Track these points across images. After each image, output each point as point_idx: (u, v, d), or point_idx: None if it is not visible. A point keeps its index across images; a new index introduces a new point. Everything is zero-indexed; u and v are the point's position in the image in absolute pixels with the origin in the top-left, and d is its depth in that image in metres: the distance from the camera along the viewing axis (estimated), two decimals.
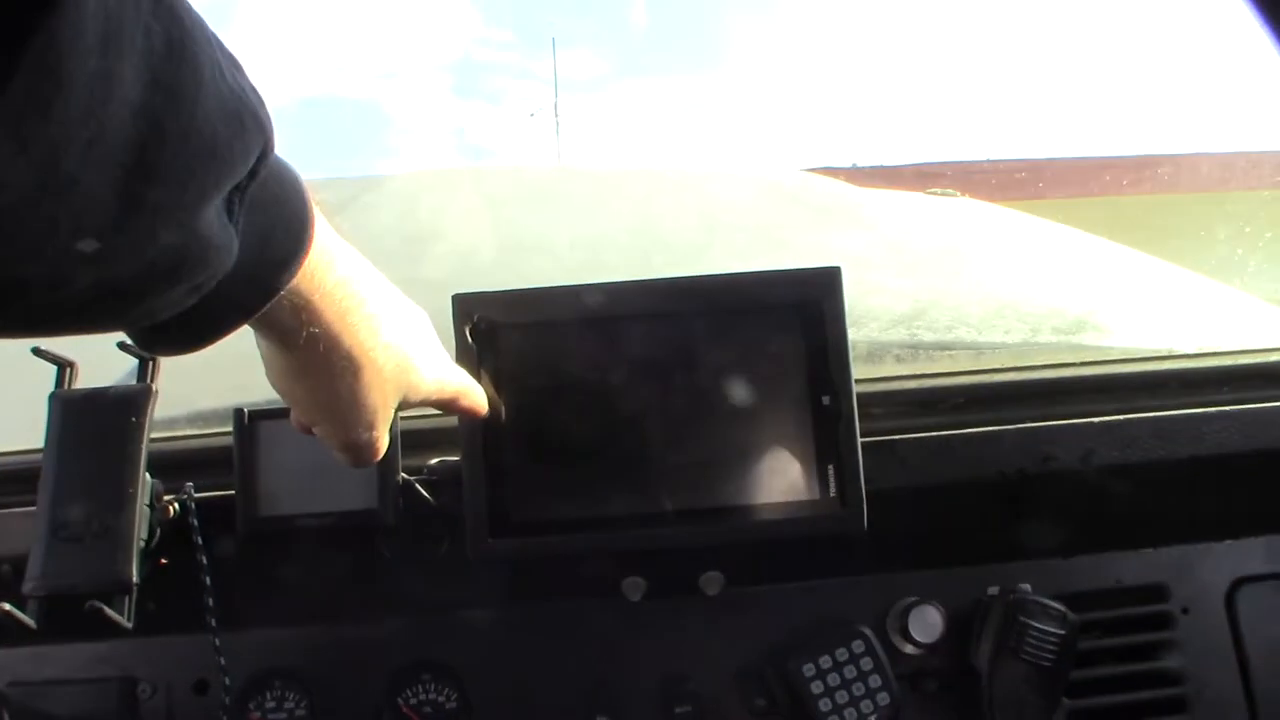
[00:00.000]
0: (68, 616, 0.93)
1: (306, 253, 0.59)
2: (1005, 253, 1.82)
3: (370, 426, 0.74)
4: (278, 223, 0.57)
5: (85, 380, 1.01)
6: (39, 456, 0.98)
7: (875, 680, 1.05)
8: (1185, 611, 1.16)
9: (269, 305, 0.58)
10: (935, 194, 2.30)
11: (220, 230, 0.50)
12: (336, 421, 0.73)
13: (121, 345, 1.01)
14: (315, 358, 0.67)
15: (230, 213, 0.50)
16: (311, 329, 0.64)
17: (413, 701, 1.07)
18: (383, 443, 0.77)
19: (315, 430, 0.76)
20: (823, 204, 1.94)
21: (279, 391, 0.73)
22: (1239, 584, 1.18)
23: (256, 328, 0.64)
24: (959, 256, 1.73)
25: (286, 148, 0.56)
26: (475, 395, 0.89)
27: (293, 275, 0.58)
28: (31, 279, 0.44)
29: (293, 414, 0.77)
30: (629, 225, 1.68)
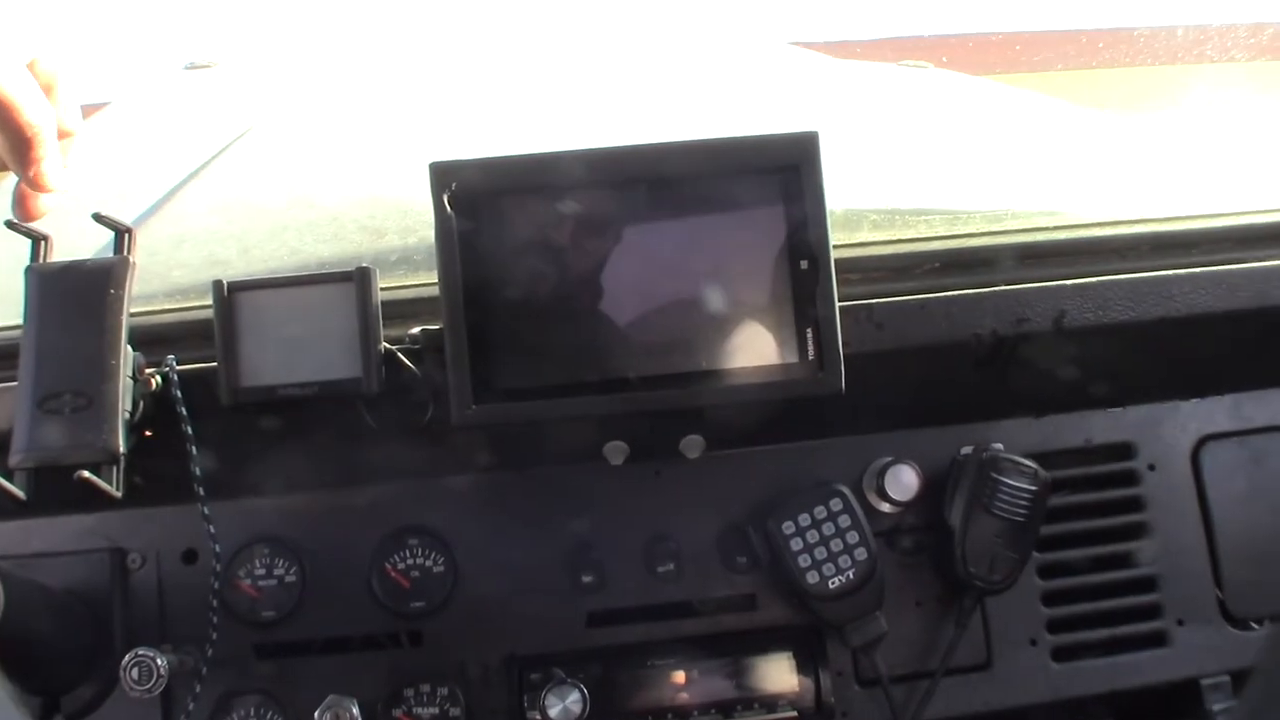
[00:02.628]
0: (55, 488, 0.94)
1: None
2: (979, 121, 1.81)
3: None
4: None
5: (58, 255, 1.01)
6: (16, 333, 0.98)
7: (853, 537, 1.08)
8: (1152, 468, 1.20)
9: None
10: (908, 65, 2.28)
11: None
12: None
13: (96, 216, 1.01)
14: None
15: None
16: None
17: (400, 566, 1.10)
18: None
19: None
20: (801, 74, 1.92)
21: None
22: (1204, 441, 1.21)
23: None
24: (933, 125, 1.72)
25: None
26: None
27: None
28: None
29: None
30: (605, 92, 1.66)
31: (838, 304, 0.99)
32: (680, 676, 1.09)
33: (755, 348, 1.00)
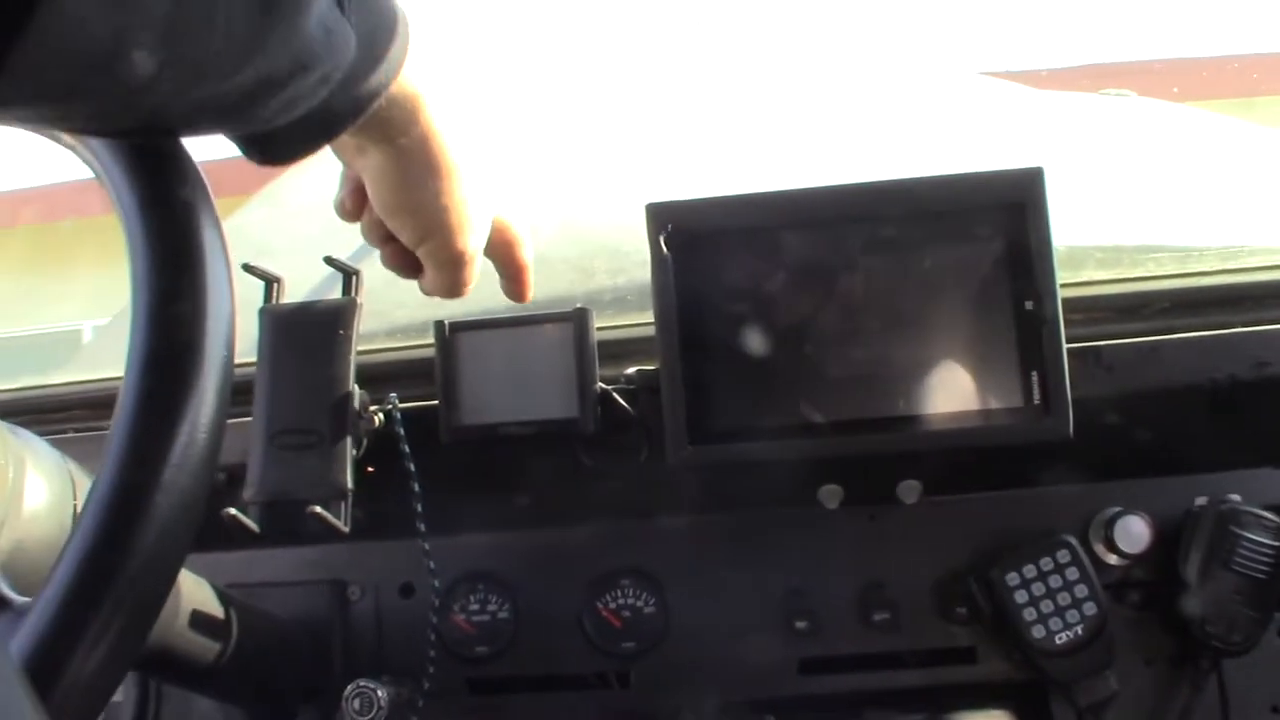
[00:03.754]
0: (285, 522, 0.97)
1: (407, 48, 0.62)
2: (1195, 152, 1.73)
3: (475, 233, 0.76)
4: (379, 18, 0.60)
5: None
6: (249, 369, 1.02)
7: (1081, 590, 1.03)
8: None
9: (381, 99, 0.62)
10: (1110, 94, 2.20)
11: (337, 21, 0.54)
12: (446, 230, 0.74)
13: (328, 260, 1.04)
14: (425, 158, 0.70)
15: (341, 6, 0.54)
16: (421, 124, 0.68)
17: (612, 605, 1.10)
18: (479, 259, 0.79)
19: (421, 250, 0.76)
20: (1001, 106, 1.87)
21: (388, 210, 0.74)
22: None
23: (366, 137, 0.68)
24: (1148, 156, 1.65)
25: None
26: (526, 247, 0.85)
27: (399, 68, 0.62)
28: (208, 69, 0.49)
29: (402, 235, 0.76)
30: (805, 128, 1.65)
31: (1065, 346, 0.96)
32: None
33: (977, 391, 0.97)
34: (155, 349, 0.57)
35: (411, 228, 0.74)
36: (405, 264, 0.79)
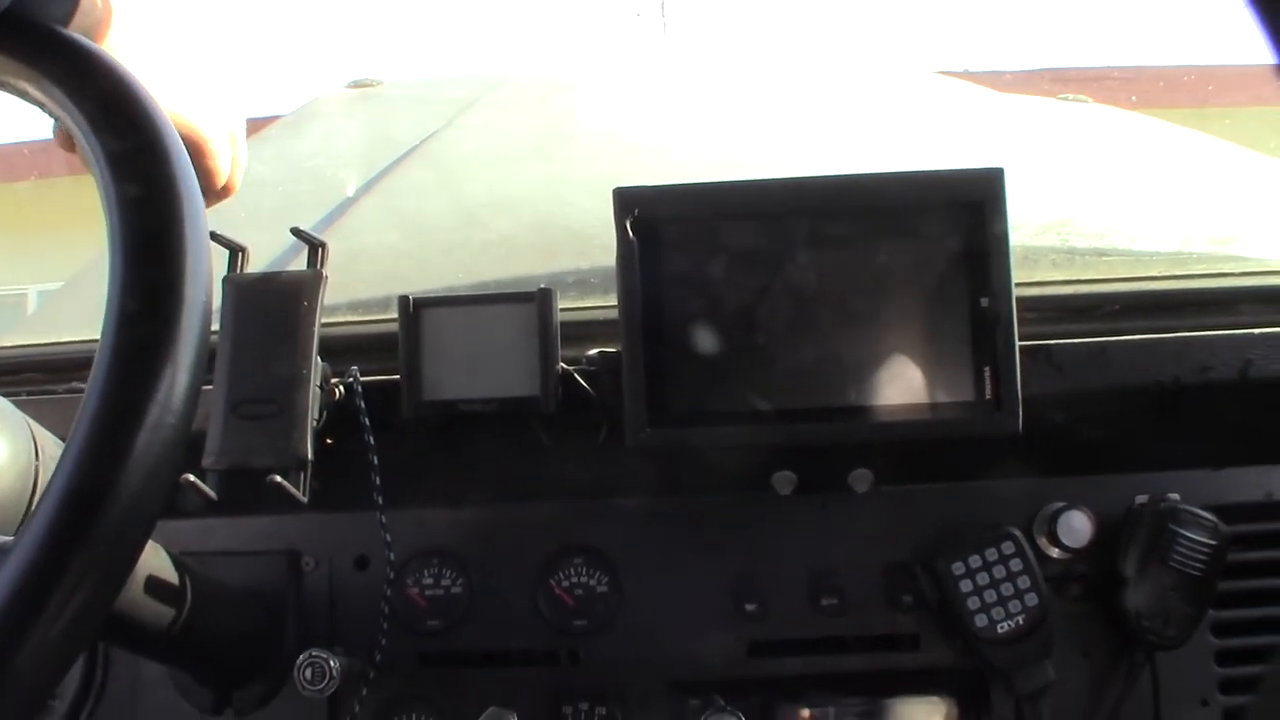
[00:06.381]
0: (243, 490, 0.97)
1: None
2: (1149, 159, 1.77)
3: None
4: None
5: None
6: (212, 340, 1.01)
7: (1024, 582, 1.05)
8: None
9: None
10: (1067, 99, 2.24)
11: None
12: None
13: (295, 231, 1.05)
14: None
15: None
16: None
17: (565, 584, 1.11)
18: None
19: None
20: (960, 106, 1.90)
21: None
22: None
23: None
24: (1102, 162, 1.69)
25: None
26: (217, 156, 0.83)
27: None
28: None
29: None
30: (767, 123, 1.67)
31: (1018, 344, 0.98)
32: (842, 713, 1.08)
33: (931, 384, 0.99)
34: (134, 307, 0.57)
35: None
36: None
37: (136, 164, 0.61)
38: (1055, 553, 1.10)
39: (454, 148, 1.73)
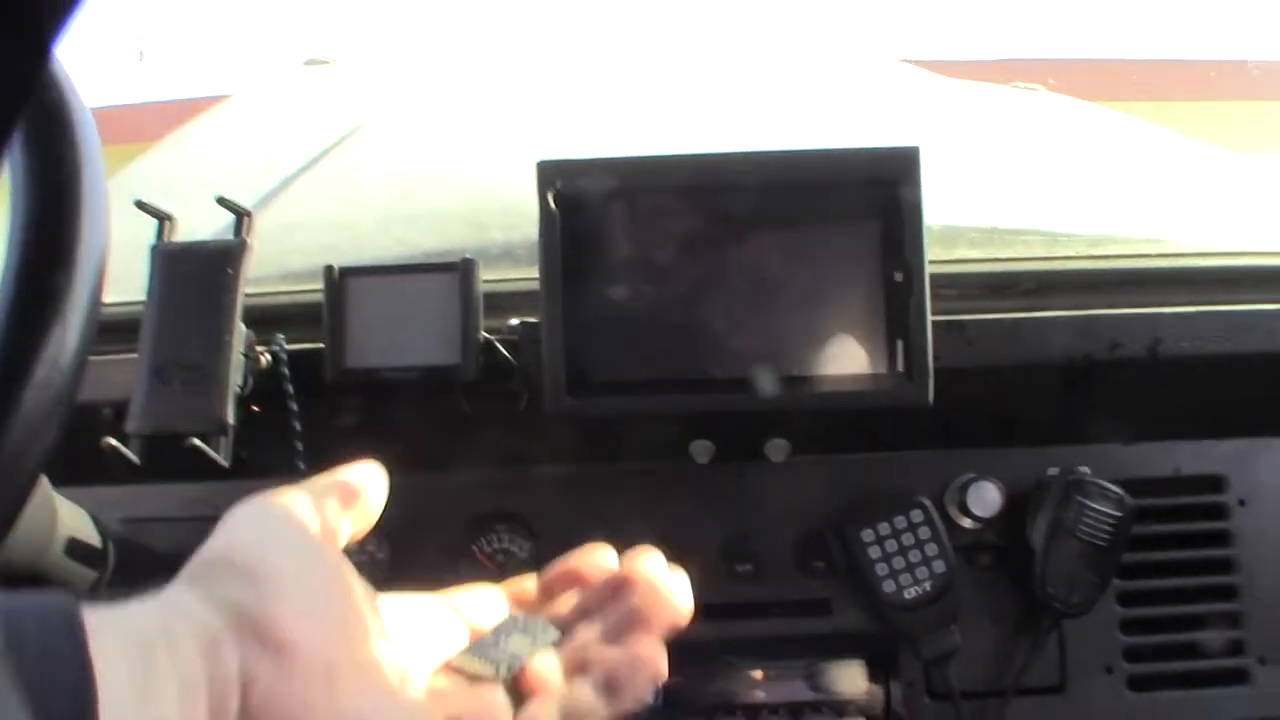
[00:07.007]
0: (166, 456, 0.98)
1: None
2: (1086, 146, 1.80)
3: None
4: None
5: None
6: (137, 308, 1.03)
7: (932, 549, 1.08)
8: (1242, 503, 1.18)
9: None
10: (1020, 87, 2.27)
11: None
12: None
13: (220, 199, 1.06)
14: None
15: None
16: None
17: (487, 549, 1.13)
18: None
19: None
20: (909, 90, 1.93)
21: None
22: None
23: None
24: (1039, 147, 1.72)
25: None
26: None
27: None
28: None
29: None
30: (710, 98, 1.69)
31: (930, 318, 1.01)
32: (753, 676, 1.11)
33: (845, 356, 1.01)
34: (28, 266, 0.59)
35: None
36: None
37: (41, 131, 0.62)
38: (966, 522, 1.13)
39: (397, 125, 1.75)
